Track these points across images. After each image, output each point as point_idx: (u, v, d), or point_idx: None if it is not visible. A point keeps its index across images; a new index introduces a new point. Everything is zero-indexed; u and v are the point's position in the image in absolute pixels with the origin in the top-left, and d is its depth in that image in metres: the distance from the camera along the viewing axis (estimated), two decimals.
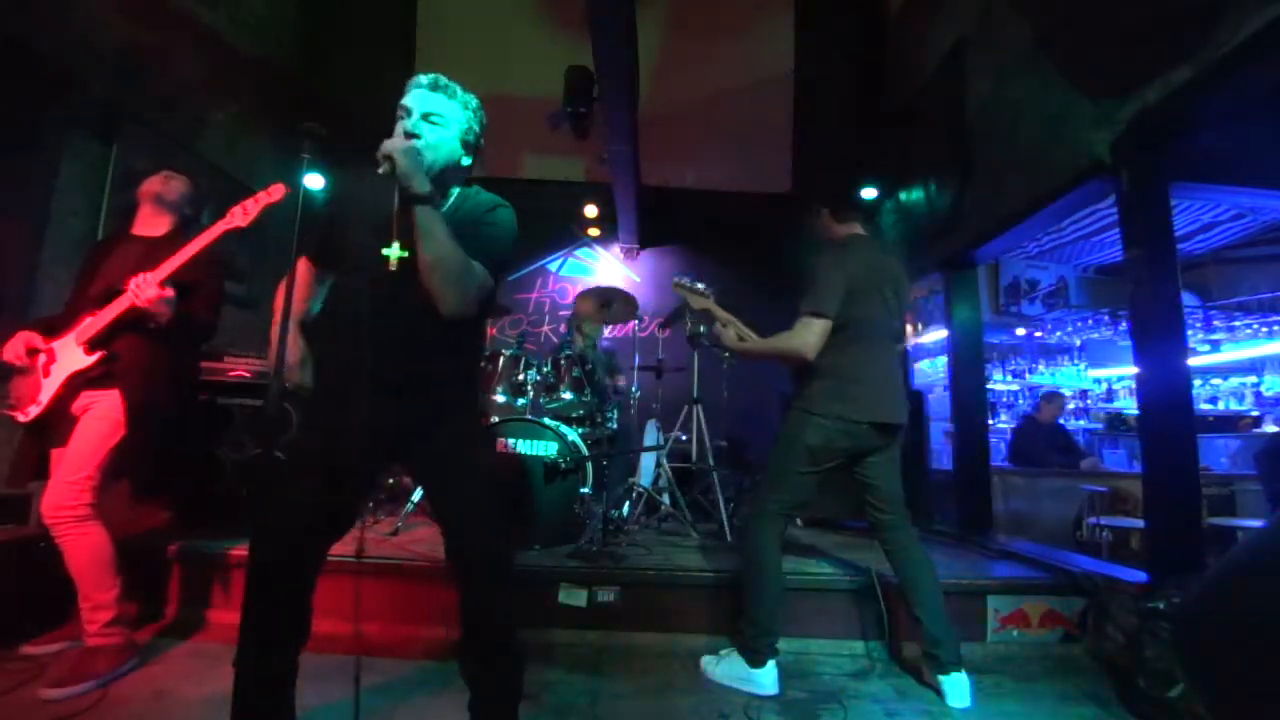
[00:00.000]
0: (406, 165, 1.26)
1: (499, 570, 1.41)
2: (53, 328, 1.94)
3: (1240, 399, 5.43)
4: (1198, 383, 5.52)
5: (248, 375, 2.89)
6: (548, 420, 2.84)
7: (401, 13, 5.10)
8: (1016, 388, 6.17)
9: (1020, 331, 5.76)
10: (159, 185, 2.12)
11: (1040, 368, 6.00)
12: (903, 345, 2.15)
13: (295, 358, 1.46)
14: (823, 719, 1.81)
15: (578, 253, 5.50)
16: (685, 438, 3.54)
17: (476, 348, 1.62)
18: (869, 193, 4.75)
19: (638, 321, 3.75)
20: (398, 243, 1.31)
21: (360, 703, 1.30)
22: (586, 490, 2.87)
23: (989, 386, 4.56)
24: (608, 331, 5.05)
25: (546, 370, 3.19)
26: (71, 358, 1.88)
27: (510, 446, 2.73)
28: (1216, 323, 5.24)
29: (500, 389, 3.11)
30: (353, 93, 4.26)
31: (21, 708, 1.65)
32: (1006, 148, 3.21)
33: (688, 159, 5.22)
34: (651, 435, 3.68)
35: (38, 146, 2.74)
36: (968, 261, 3.77)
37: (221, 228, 1.87)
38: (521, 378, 3.10)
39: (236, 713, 1.24)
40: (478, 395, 1.76)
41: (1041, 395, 5.18)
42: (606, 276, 5.42)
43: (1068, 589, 2.40)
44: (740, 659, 1.96)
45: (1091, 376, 6.03)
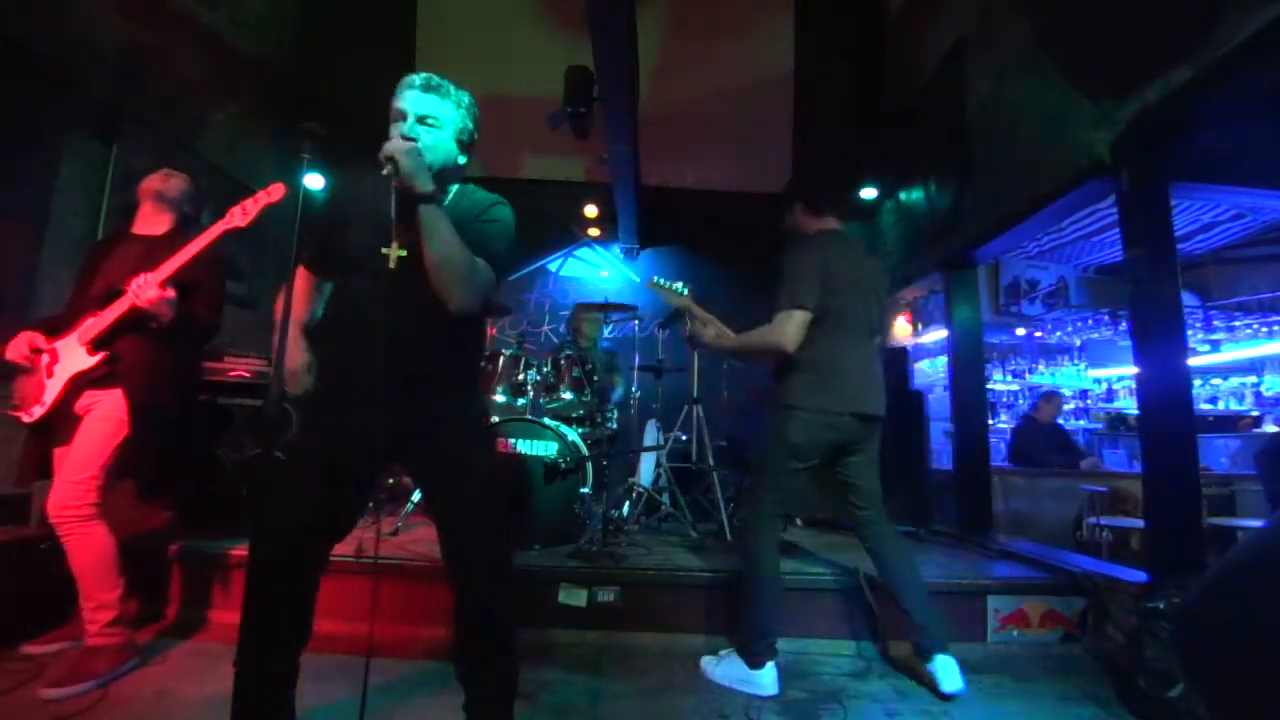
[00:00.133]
0: (409, 166, 1.26)
1: (498, 571, 1.41)
2: (55, 328, 1.94)
3: (1240, 399, 5.43)
4: (1198, 383, 5.52)
5: (248, 375, 2.89)
6: (548, 420, 2.84)
7: (401, 13, 5.09)
8: (1016, 388, 6.16)
9: (1020, 331, 5.76)
10: (159, 183, 2.13)
11: (1040, 368, 6.00)
12: (880, 339, 2.15)
13: (298, 363, 1.46)
14: (823, 719, 1.81)
15: (578, 253, 5.50)
16: (685, 438, 3.54)
17: (477, 347, 1.62)
18: (869, 192, 4.75)
19: (638, 321, 3.75)
20: (396, 242, 1.31)
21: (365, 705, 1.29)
22: (586, 490, 2.88)
23: (989, 386, 4.56)
24: (607, 332, 5.04)
25: (546, 370, 3.19)
26: (74, 358, 1.88)
27: (511, 446, 2.74)
28: (1216, 323, 5.24)
29: (500, 389, 3.12)
30: (353, 93, 4.23)
31: (21, 708, 1.65)
32: (1006, 148, 3.20)
33: (688, 159, 5.22)
34: (651, 435, 3.68)
35: (38, 146, 2.74)
36: (968, 261, 3.77)
37: (221, 228, 1.87)
38: (521, 378, 3.10)
39: (237, 713, 1.24)
40: (479, 395, 1.76)
41: (1040, 395, 5.18)
42: (606, 276, 5.41)
43: (1068, 589, 2.39)
44: (740, 660, 1.96)
45: (1091, 376, 6.02)
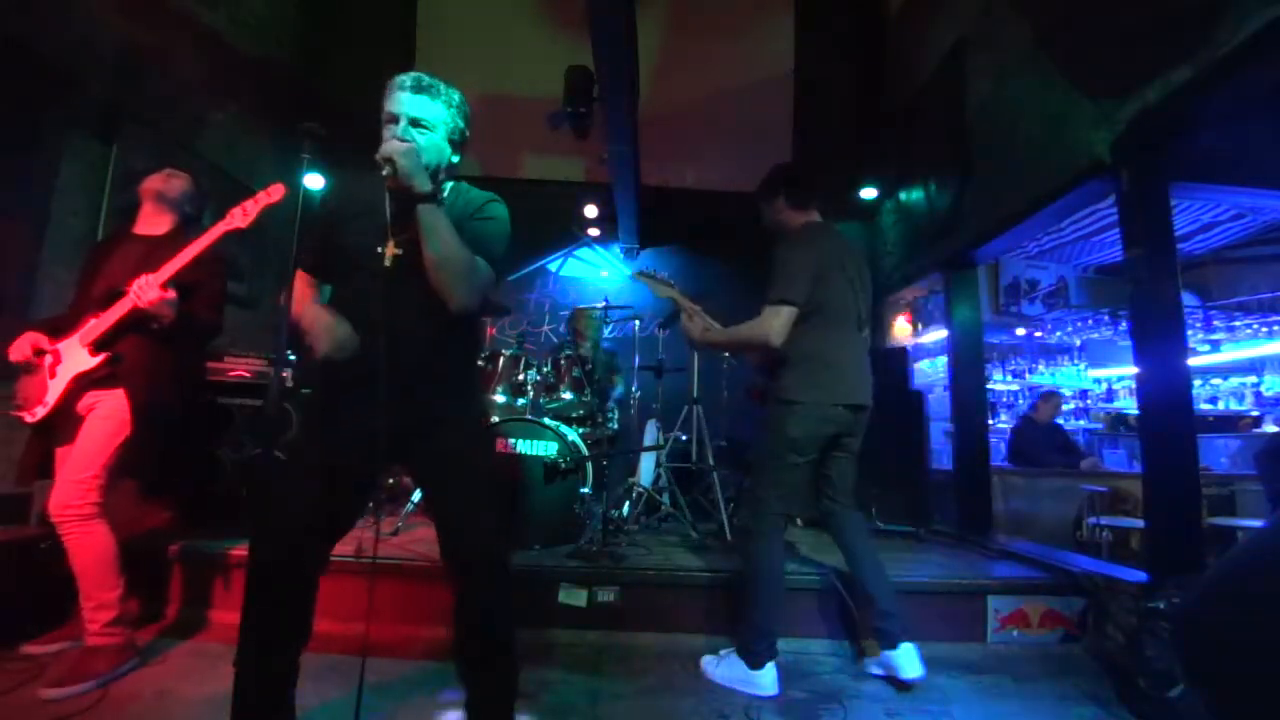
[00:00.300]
0: (407, 166, 1.26)
1: (498, 571, 1.41)
2: (57, 328, 1.95)
3: (1240, 399, 5.42)
4: (1198, 383, 5.52)
5: (248, 375, 2.89)
6: (548, 420, 2.84)
7: (401, 13, 5.09)
8: (1016, 388, 6.16)
9: (1020, 331, 5.76)
10: (160, 183, 2.13)
11: (1040, 368, 5.99)
12: (867, 331, 2.15)
13: (325, 322, 1.34)
14: (823, 719, 1.81)
15: (578, 253, 5.49)
16: (685, 438, 3.54)
17: (476, 346, 1.62)
18: (869, 192, 4.76)
19: (638, 321, 3.75)
20: (392, 240, 1.31)
21: (361, 702, 1.30)
22: (586, 490, 2.88)
23: (989, 386, 4.55)
24: (607, 332, 5.04)
25: (546, 370, 3.19)
26: (77, 359, 1.89)
27: (511, 446, 2.74)
28: (1216, 323, 5.24)
29: (500, 389, 3.12)
30: (353, 93, 4.22)
31: (21, 708, 1.65)
32: (1006, 148, 3.20)
33: (688, 159, 5.21)
34: (651, 435, 3.68)
35: (38, 146, 2.74)
36: (968, 261, 3.77)
37: (221, 229, 1.87)
38: (521, 378, 3.10)
39: (236, 713, 1.24)
40: (478, 394, 1.75)
41: (1039, 395, 5.18)
42: (606, 276, 5.41)
43: (1068, 589, 2.40)
44: (740, 660, 1.96)
45: (1091, 376, 6.02)
